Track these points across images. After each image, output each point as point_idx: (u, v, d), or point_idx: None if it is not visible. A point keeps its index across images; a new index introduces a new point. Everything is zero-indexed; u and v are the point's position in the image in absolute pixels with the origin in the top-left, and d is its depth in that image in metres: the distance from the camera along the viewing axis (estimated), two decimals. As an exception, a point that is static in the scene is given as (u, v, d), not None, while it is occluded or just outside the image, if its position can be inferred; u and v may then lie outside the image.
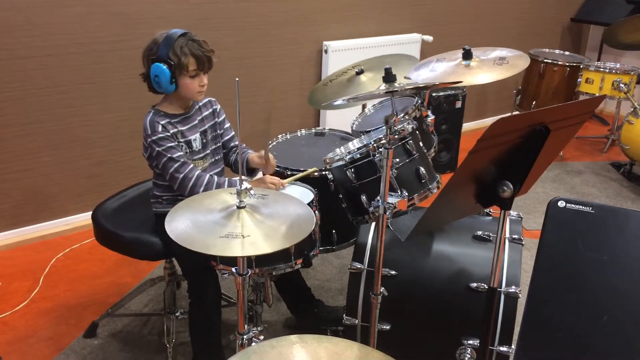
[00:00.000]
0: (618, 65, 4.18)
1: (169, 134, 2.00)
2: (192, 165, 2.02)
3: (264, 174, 2.11)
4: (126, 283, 2.74)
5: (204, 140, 2.12)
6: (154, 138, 1.98)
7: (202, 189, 1.98)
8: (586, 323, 1.47)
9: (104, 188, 3.13)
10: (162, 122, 2.00)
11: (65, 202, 3.12)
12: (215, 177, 2.04)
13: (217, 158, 2.18)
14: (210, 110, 2.17)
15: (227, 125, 2.23)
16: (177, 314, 2.31)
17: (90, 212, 2.30)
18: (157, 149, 1.99)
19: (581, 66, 4.21)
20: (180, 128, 2.05)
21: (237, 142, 2.24)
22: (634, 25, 4.19)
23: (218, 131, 2.19)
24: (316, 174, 2.12)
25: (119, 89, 3.09)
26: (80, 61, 2.95)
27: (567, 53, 4.60)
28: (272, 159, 2.11)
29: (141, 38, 2.02)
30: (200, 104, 2.15)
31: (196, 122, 2.10)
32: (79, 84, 2.99)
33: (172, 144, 2.00)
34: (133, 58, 2.99)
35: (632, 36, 4.26)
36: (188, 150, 2.06)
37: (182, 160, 2.00)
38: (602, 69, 4.10)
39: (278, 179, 2.06)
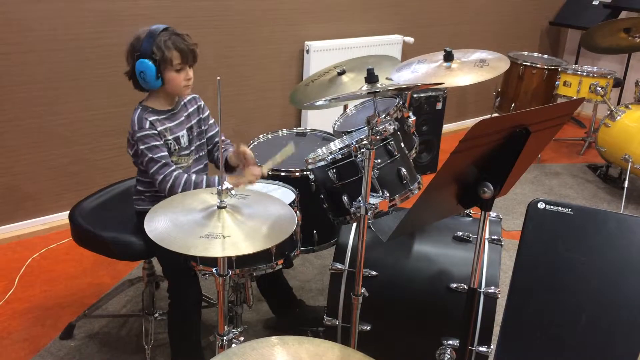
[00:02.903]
0: (595, 69, 4.24)
1: (155, 131, 1.99)
2: (173, 167, 2.01)
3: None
4: (104, 284, 2.70)
5: (190, 137, 2.12)
6: (140, 134, 1.97)
7: (180, 189, 1.98)
8: (565, 323, 1.49)
9: (82, 187, 3.08)
10: (150, 119, 1.99)
11: (43, 201, 3.07)
12: (193, 176, 2.03)
13: (200, 154, 2.18)
14: (195, 106, 2.17)
15: (212, 121, 2.23)
16: (156, 314, 2.28)
17: (68, 212, 2.26)
18: (141, 146, 1.98)
19: (559, 69, 4.26)
20: (168, 125, 2.04)
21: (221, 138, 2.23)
22: (610, 29, 4.25)
23: (202, 127, 2.19)
24: (297, 174, 2.12)
25: (98, 87, 3.05)
26: (59, 58, 2.91)
27: (545, 56, 4.66)
28: (249, 154, 2.06)
29: (121, 35, 2.00)
30: (185, 100, 2.14)
31: (183, 118, 2.10)
32: (57, 81, 2.94)
33: (157, 142, 1.99)
34: (113, 55, 2.95)
35: (609, 40, 4.33)
36: (177, 147, 2.05)
37: (163, 161, 1.99)
38: (579, 72, 4.15)
39: (258, 169, 2.04)
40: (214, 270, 1.57)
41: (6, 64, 2.78)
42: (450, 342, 1.89)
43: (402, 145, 1.97)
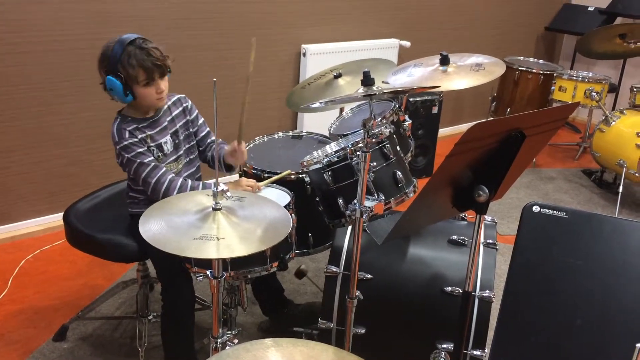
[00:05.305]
0: (590, 74, 4.26)
1: (136, 139, 1.96)
2: (164, 169, 1.99)
3: (239, 175, 2.09)
4: (98, 285, 2.69)
5: (176, 141, 2.08)
6: (121, 145, 1.95)
7: (175, 192, 1.96)
8: (560, 327, 1.49)
9: (77, 188, 3.07)
10: (129, 128, 1.96)
11: (37, 202, 3.06)
12: (189, 181, 2.01)
13: (191, 157, 2.15)
14: (181, 108, 2.12)
15: (201, 121, 2.18)
16: (150, 317, 2.28)
17: (62, 213, 2.25)
18: (126, 155, 1.95)
19: (555, 74, 4.28)
20: (149, 132, 2.00)
21: (213, 138, 2.21)
22: (606, 35, 4.27)
23: (191, 129, 2.15)
24: (292, 176, 2.12)
25: (95, 88, 2.99)
26: (56, 59, 2.90)
27: (541, 61, 4.68)
28: (243, 148, 2.06)
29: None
30: (170, 102, 2.09)
31: (166, 123, 2.06)
32: (54, 81, 2.93)
33: (141, 149, 1.96)
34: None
35: (604, 46, 4.35)
36: (160, 154, 2.02)
37: (153, 164, 1.97)
38: (575, 78, 4.17)
39: (254, 181, 2.04)
40: (208, 272, 1.56)
41: (3, 65, 2.77)
42: (444, 345, 1.89)
43: (398, 148, 1.97)
